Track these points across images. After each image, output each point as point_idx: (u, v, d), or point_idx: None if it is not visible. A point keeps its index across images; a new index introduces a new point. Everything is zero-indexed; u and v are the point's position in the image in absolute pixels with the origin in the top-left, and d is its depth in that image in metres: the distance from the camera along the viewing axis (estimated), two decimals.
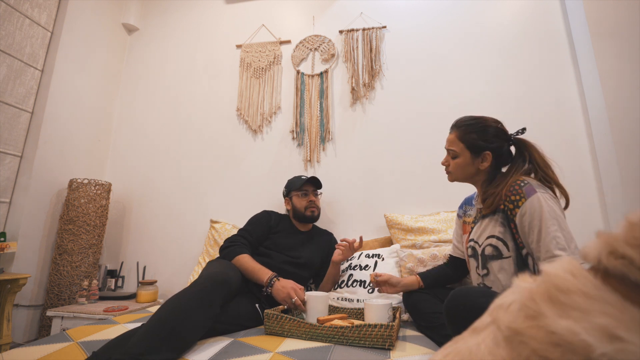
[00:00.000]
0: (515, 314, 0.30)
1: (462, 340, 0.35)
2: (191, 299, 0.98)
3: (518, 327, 0.29)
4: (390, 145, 2.00)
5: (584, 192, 1.71)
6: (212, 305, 1.01)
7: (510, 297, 0.32)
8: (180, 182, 2.24)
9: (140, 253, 2.17)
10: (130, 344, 0.86)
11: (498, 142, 1.08)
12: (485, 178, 1.11)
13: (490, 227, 1.04)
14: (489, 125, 1.10)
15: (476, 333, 0.34)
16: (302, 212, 1.64)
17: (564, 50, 1.88)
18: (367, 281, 1.48)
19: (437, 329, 1.09)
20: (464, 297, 0.85)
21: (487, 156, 1.08)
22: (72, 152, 2.15)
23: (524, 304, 0.30)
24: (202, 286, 1.03)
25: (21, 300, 1.81)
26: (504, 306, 0.32)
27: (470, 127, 1.10)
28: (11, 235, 1.82)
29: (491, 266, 1.03)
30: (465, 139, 1.10)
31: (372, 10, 2.19)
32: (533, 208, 0.92)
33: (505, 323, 0.30)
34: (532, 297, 0.29)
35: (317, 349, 0.94)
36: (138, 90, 2.49)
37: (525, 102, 1.87)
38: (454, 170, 1.14)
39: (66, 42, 2.12)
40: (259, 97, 2.24)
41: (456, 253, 1.31)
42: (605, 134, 1.65)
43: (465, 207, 1.27)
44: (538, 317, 0.28)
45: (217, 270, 1.18)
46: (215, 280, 1.06)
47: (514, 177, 1.01)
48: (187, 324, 0.92)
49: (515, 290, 0.33)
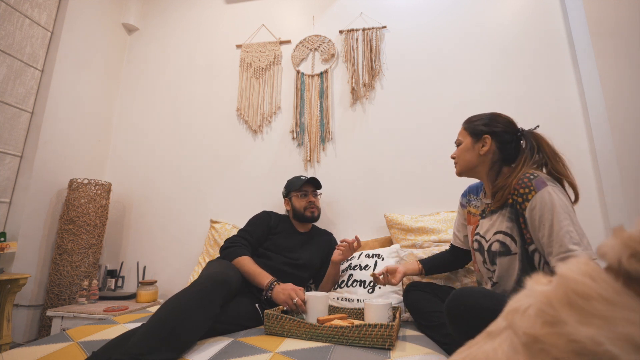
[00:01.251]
0: (532, 319, 0.29)
1: (476, 345, 0.34)
2: (191, 299, 0.97)
3: (537, 334, 0.27)
4: (390, 145, 2.00)
5: (584, 192, 1.69)
6: (212, 306, 1.01)
7: (526, 300, 0.31)
8: (180, 182, 2.24)
9: (140, 253, 2.17)
10: (130, 343, 0.86)
11: (500, 128, 1.07)
12: (488, 169, 1.09)
13: (498, 223, 1.03)
14: (496, 115, 1.12)
15: (491, 338, 0.33)
16: (302, 213, 1.64)
17: (564, 50, 1.88)
18: (367, 281, 1.48)
19: (438, 328, 1.09)
20: (465, 297, 0.84)
21: (486, 140, 1.07)
22: (72, 152, 2.15)
23: (541, 309, 0.28)
24: (202, 286, 1.02)
25: (21, 300, 1.81)
26: (520, 310, 0.30)
27: (477, 118, 1.14)
28: (11, 235, 1.82)
29: (500, 263, 1.01)
30: (468, 126, 1.14)
31: (372, 10, 2.19)
32: (544, 202, 0.90)
33: (522, 329, 0.29)
34: (550, 302, 0.28)
35: (317, 349, 0.94)
36: (138, 90, 2.49)
37: (526, 102, 1.87)
38: (458, 158, 1.14)
39: (66, 42, 2.12)
40: (259, 97, 2.24)
41: (456, 242, 1.30)
42: (605, 134, 1.65)
43: (470, 195, 1.24)
44: (558, 324, 0.26)
45: (217, 270, 1.18)
46: (215, 280, 1.06)
47: (524, 169, 0.99)
48: (187, 324, 0.92)
49: (530, 292, 0.32)
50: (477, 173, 1.12)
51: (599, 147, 1.70)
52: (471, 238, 1.17)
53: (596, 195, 1.69)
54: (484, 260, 1.08)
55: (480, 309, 0.79)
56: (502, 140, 1.07)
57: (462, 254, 1.29)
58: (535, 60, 1.91)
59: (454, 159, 1.17)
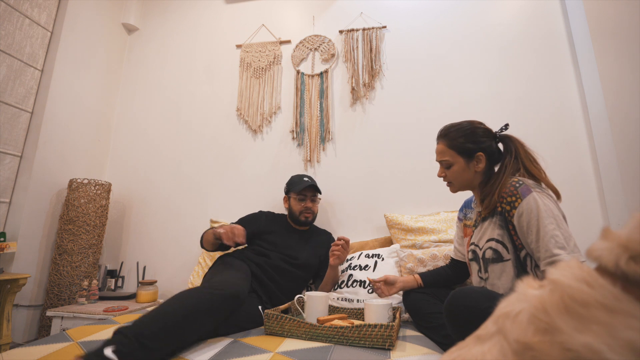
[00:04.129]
0: (524, 325, 0.28)
1: (466, 347, 0.33)
2: (202, 301, 0.98)
3: (529, 342, 0.27)
4: (390, 145, 2.00)
5: (584, 192, 1.71)
6: (219, 314, 1.03)
7: (517, 305, 0.30)
8: (180, 182, 2.24)
9: (140, 253, 2.17)
10: (136, 321, 0.87)
11: (487, 142, 1.08)
12: (481, 179, 1.10)
13: (489, 230, 1.04)
14: (475, 127, 1.10)
15: (481, 342, 0.32)
16: (297, 216, 1.65)
17: (564, 50, 1.88)
18: (366, 281, 1.48)
19: (437, 329, 1.09)
20: (464, 298, 0.84)
21: (480, 157, 1.07)
22: (72, 152, 2.15)
23: (535, 315, 0.28)
24: (216, 293, 1.02)
25: (21, 300, 1.81)
26: (511, 315, 0.30)
27: (456, 132, 1.10)
28: (11, 235, 1.82)
29: (492, 269, 1.02)
30: (454, 145, 1.09)
31: (372, 10, 2.19)
32: (530, 208, 0.91)
33: (513, 335, 0.28)
34: (545, 309, 0.27)
35: (317, 349, 0.94)
36: (138, 90, 2.49)
37: (526, 102, 1.87)
38: (454, 180, 1.12)
39: (66, 42, 2.12)
40: (259, 97, 2.24)
41: (457, 256, 1.31)
42: (605, 134, 1.65)
43: (465, 210, 1.27)
44: (552, 332, 0.26)
45: (233, 280, 1.18)
46: (231, 293, 1.06)
47: (507, 174, 1.01)
48: (193, 324, 0.93)
49: (521, 297, 0.31)
50: (473, 187, 1.13)
51: (599, 147, 1.70)
52: (467, 249, 1.18)
53: (596, 195, 1.69)
54: (479, 269, 1.08)
55: (480, 309, 0.79)
56: (491, 152, 1.09)
57: (463, 268, 1.30)
58: (535, 60, 1.91)
59: (444, 178, 1.15)
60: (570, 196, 1.63)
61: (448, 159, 1.10)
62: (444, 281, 1.30)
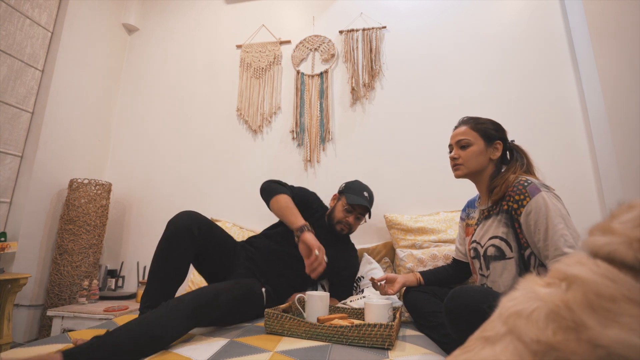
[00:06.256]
0: (541, 324, 0.27)
1: (473, 350, 0.32)
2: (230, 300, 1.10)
3: (551, 341, 0.25)
4: (390, 145, 2.00)
5: (584, 192, 1.71)
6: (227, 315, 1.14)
7: (529, 303, 0.29)
8: (181, 182, 2.24)
9: (140, 253, 2.17)
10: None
11: (505, 136, 1.13)
12: (491, 172, 1.11)
13: (493, 228, 1.04)
14: (499, 123, 1.15)
15: (490, 343, 0.30)
16: (334, 222, 1.53)
17: (563, 50, 1.88)
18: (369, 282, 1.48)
19: (437, 328, 1.09)
20: (464, 297, 0.84)
21: (498, 146, 1.10)
22: (72, 152, 2.15)
23: (558, 313, 0.26)
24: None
25: (21, 300, 1.81)
26: (524, 314, 0.28)
27: (483, 119, 1.14)
28: (11, 235, 1.82)
29: (494, 267, 1.03)
30: (478, 128, 1.12)
31: (372, 10, 2.19)
32: (538, 207, 0.92)
33: (530, 335, 0.27)
34: (569, 306, 0.26)
35: (316, 348, 0.94)
36: (138, 90, 2.49)
37: (525, 102, 1.87)
38: (467, 161, 1.10)
39: (66, 43, 2.12)
40: (259, 97, 2.24)
41: (458, 256, 1.31)
42: (605, 134, 1.65)
43: (468, 210, 1.28)
44: (578, 329, 0.25)
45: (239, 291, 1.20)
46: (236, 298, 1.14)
47: (518, 171, 1.04)
48: (166, 329, 0.93)
49: (531, 295, 0.30)
50: (481, 176, 1.12)
51: (599, 147, 1.70)
52: (468, 247, 1.19)
53: (596, 195, 1.69)
54: (480, 266, 1.09)
55: (479, 307, 0.79)
56: (507, 148, 1.13)
57: (464, 268, 1.30)
58: (535, 60, 1.91)
59: (456, 159, 1.12)
60: (570, 196, 1.62)
61: (470, 138, 1.11)
62: (444, 280, 1.31)
